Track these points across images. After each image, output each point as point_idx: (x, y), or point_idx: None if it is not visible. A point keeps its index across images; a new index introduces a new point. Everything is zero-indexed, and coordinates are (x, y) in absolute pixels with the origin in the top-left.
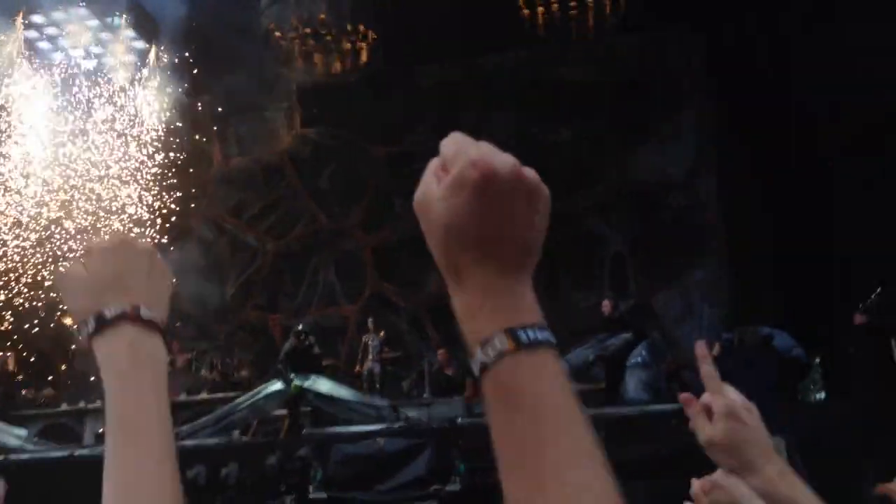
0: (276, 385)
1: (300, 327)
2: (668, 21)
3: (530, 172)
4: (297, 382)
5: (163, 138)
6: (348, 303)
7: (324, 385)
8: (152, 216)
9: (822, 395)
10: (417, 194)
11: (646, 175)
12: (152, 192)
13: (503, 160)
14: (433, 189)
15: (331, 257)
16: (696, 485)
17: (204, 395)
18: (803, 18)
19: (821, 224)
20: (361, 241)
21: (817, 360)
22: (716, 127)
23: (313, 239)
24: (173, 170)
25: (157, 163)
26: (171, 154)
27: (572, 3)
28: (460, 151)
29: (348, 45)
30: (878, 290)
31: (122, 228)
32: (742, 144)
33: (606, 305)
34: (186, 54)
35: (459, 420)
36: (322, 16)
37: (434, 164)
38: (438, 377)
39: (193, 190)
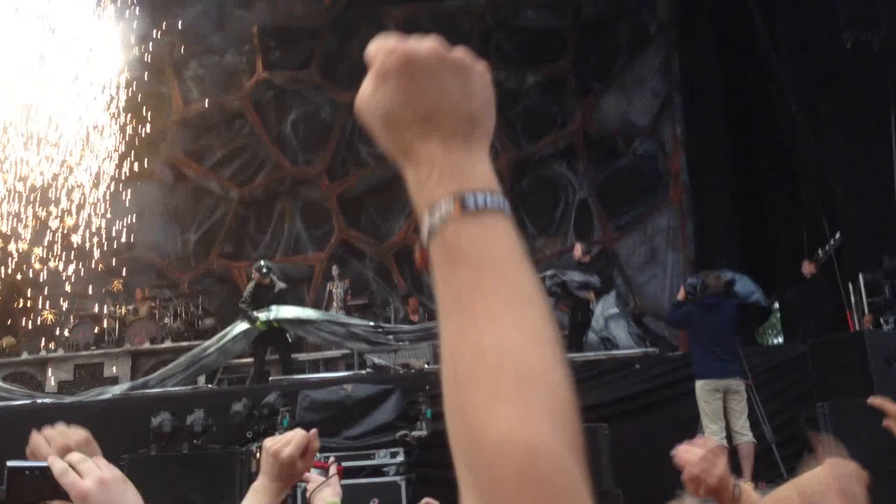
0: (242, 325)
1: (261, 262)
2: None
3: (456, 50)
4: (261, 318)
5: (119, 79)
6: (315, 250)
7: (288, 311)
8: (110, 159)
9: (779, 339)
10: (356, 100)
11: (610, 121)
12: (111, 135)
13: (422, 43)
14: (365, 88)
15: (296, 205)
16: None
17: (168, 344)
18: None
19: (784, 172)
20: (327, 189)
21: (776, 304)
22: (681, 74)
23: (278, 186)
24: (130, 114)
25: (115, 104)
26: (129, 95)
27: None
28: (380, 48)
29: None
30: (835, 237)
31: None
32: (707, 92)
33: (577, 249)
34: None
35: (426, 366)
36: None
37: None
38: (406, 324)
39: (152, 133)
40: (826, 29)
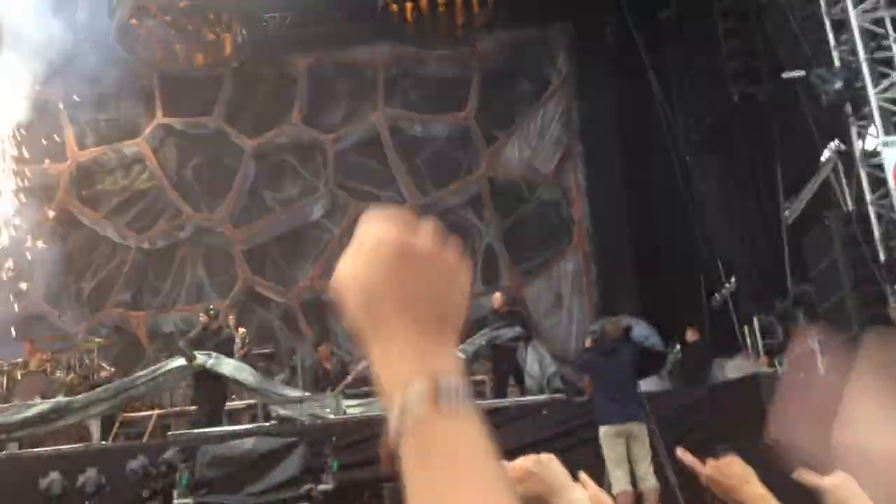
0: (178, 361)
1: (210, 307)
2: (534, 21)
3: (450, 249)
4: (198, 360)
5: (13, 132)
6: (218, 298)
7: (227, 366)
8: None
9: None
10: (336, 273)
11: (514, 168)
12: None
13: (422, 238)
14: (351, 263)
15: (198, 252)
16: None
17: (61, 399)
18: (668, 20)
19: (681, 217)
20: (230, 235)
21: (676, 348)
22: (581, 124)
23: (179, 233)
24: (24, 166)
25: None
26: (23, 147)
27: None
28: (377, 230)
29: (212, 36)
30: (730, 281)
31: None
32: (606, 141)
33: (498, 298)
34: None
35: (332, 416)
36: (182, 3)
37: (353, 245)
38: (315, 371)
39: (45, 178)
40: (715, 82)
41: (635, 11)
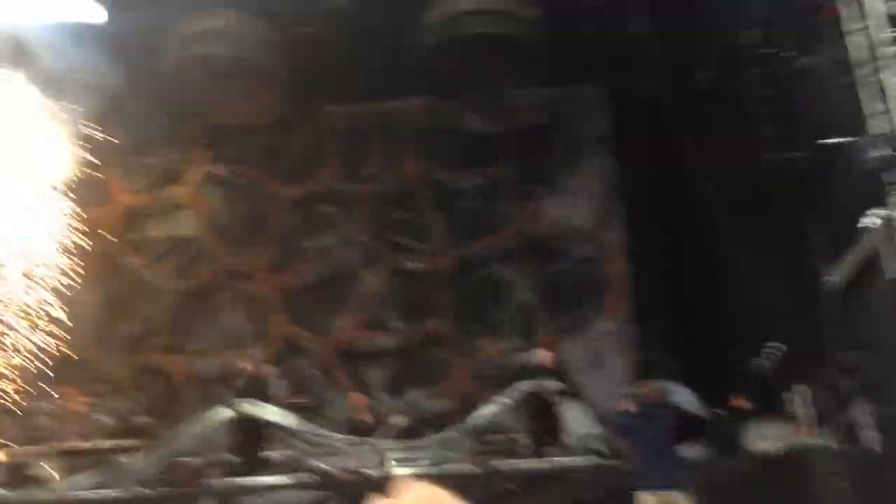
0: (223, 412)
1: (252, 356)
2: (570, 79)
3: None
4: (242, 409)
5: (66, 176)
6: (254, 346)
7: (271, 413)
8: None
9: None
10: None
11: (550, 225)
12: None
13: None
14: None
15: (237, 299)
16: None
17: (100, 442)
18: (706, 81)
19: (720, 281)
20: (268, 283)
21: (720, 412)
22: (619, 182)
23: (219, 279)
24: (76, 209)
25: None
26: (73, 193)
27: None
28: None
29: (255, 90)
30: (774, 347)
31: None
32: (645, 200)
33: (547, 356)
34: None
35: (371, 472)
36: (227, 56)
37: None
38: (352, 424)
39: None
40: (752, 145)
41: (673, 71)
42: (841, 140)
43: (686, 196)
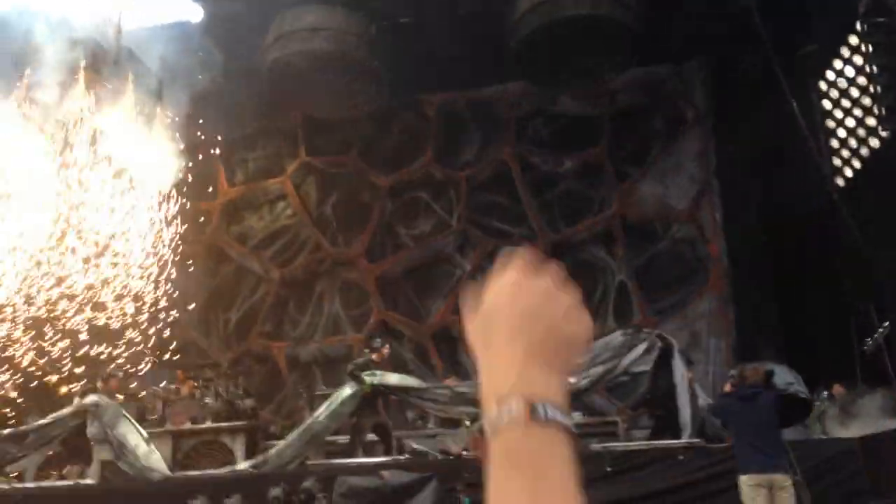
0: (349, 388)
1: (377, 339)
2: (668, 57)
3: (569, 292)
4: (368, 380)
5: (167, 164)
6: (353, 331)
7: (392, 378)
8: (156, 246)
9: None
10: (467, 309)
11: (647, 206)
12: (158, 221)
13: (544, 278)
14: (476, 297)
15: (335, 286)
16: None
17: (209, 424)
18: (811, 55)
19: (827, 258)
20: (365, 270)
21: (825, 394)
22: (718, 161)
23: (318, 267)
24: (178, 198)
25: (163, 193)
26: (181, 189)
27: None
28: (504, 271)
29: (353, 84)
30: (883, 326)
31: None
32: (745, 178)
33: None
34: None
35: (465, 453)
36: (326, 50)
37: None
38: None
39: (197, 214)
40: (865, 119)
41: (776, 46)
42: None
43: (791, 173)
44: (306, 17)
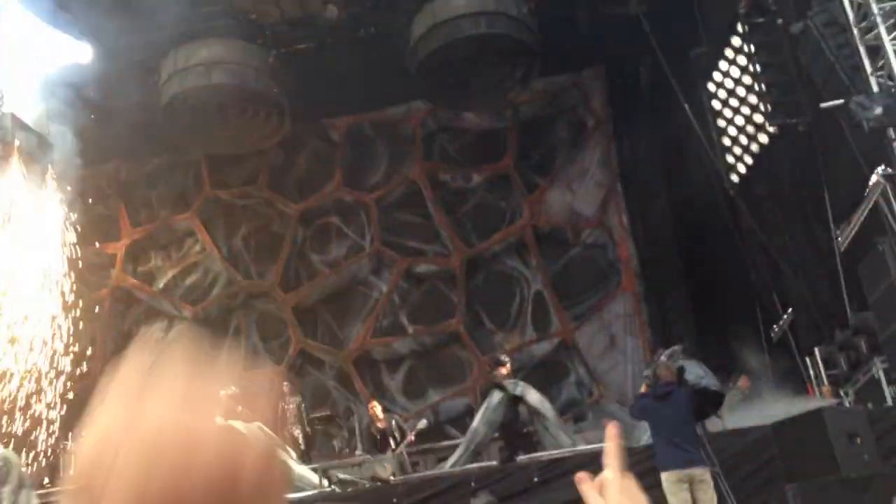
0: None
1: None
2: (566, 67)
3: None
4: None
5: (65, 212)
6: (274, 363)
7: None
8: (61, 294)
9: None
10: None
11: (557, 213)
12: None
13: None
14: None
15: (251, 318)
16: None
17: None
18: (701, 57)
19: (731, 252)
20: (281, 301)
21: (739, 383)
22: (620, 164)
23: (232, 302)
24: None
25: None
26: (76, 228)
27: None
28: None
29: (253, 117)
30: (788, 313)
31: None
32: (648, 179)
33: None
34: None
35: (392, 478)
36: (221, 88)
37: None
38: (371, 434)
39: (100, 259)
40: (754, 116)
41: (667, 50)
42: (842, 101)
43: (692, 171)
44: (201, 52)
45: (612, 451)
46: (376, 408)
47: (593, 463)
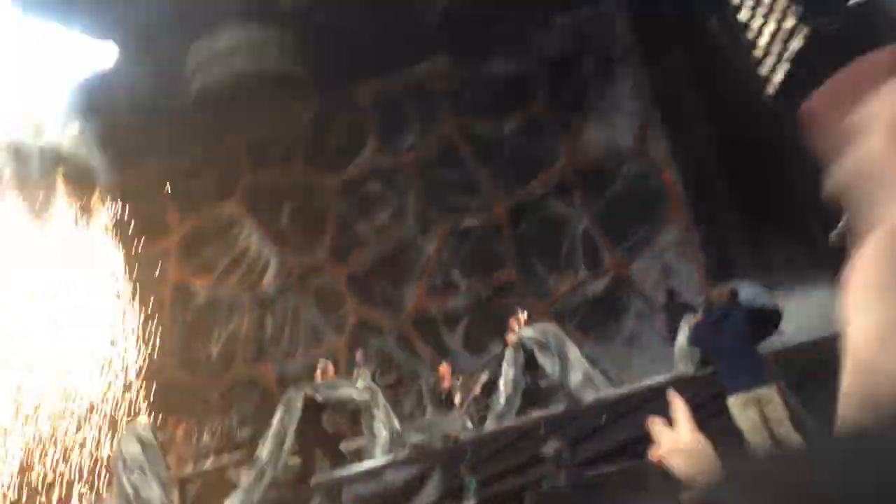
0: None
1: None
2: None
3: None
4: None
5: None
6: (335, 336)
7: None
8: (121, 295)
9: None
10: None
11: (595, 150)
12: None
13: None
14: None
15: (308, 295)
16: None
17: (210, 463)
18: None
19: (778, 164)
20: (334, 274)
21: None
22: (654, 92)
23: (286, 281)
24: (133, 239)
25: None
26: (129, 227)
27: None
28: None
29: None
30: (845, 216)
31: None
32: (684, 103)
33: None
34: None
35: (461, 436)
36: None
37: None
38: (438, 394)
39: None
40: (783, 24)
41: None
42: None
43: (726, 88)
44: (221, 41)
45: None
46: (444, 368)
47: (658, 397)
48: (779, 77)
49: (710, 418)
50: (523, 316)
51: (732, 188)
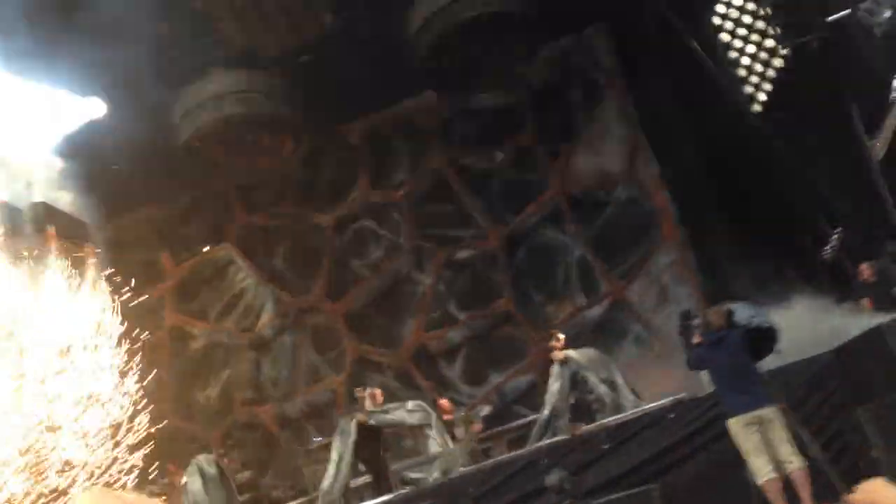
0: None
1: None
2: (569, 29)
3: None
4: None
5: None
6: (333, 374)
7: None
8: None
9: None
10: None
11: (586, 177)
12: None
13: None
14: None
15: (305, 334)
16: None
17: None
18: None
19: (768, 182)
20: (330, 311)
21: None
22: (640, 115)
23: (283, 321)
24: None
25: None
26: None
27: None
28: None
29: (270, 142)
30: (837, 233)
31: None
32: (670, 124)
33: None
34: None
35: (462, 470)
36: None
37: None
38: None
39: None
40: (764, 41)
41: None
42: (849, 11)
43: (711, 109)
44: (209, 87)
45: None
46: (444, 401)
47: (658, 422)
48: (762, 95)
49: (715, 440)
50: (563, 337)
51: (724, 208)
